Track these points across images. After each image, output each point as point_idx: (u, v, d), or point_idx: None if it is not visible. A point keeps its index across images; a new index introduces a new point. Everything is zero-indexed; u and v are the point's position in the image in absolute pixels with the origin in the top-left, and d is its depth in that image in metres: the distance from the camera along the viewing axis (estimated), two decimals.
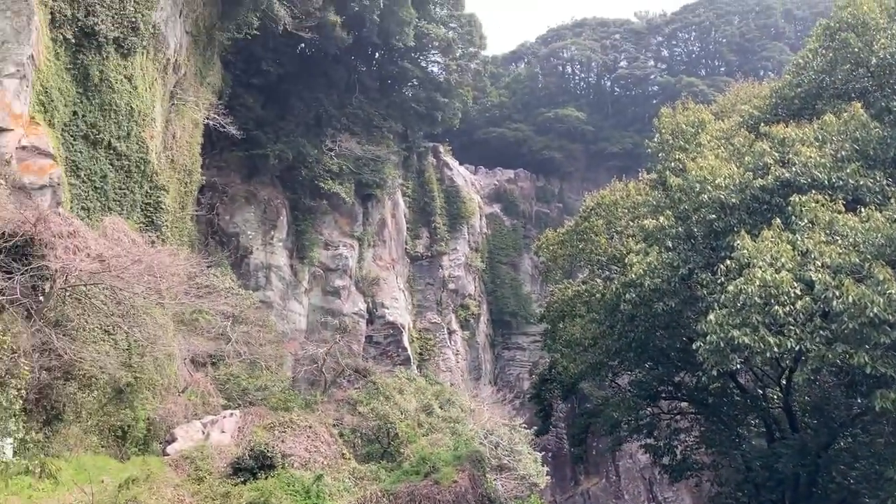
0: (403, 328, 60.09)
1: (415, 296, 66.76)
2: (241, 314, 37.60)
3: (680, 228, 29.05)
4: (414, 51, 64.10)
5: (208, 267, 36.89)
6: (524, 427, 38.88)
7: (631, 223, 36.33)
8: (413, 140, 67.77)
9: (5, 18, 27.34)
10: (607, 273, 39.27)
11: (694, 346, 25.27)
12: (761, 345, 22.89)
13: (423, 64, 67.69)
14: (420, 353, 62.91)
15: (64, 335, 20.51)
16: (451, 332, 67.59)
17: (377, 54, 64.83)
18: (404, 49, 61.93)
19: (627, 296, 29.42)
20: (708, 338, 23.90)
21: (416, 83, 66.67)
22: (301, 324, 54.02)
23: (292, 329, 52.34)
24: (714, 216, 28.00)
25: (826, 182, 26.43)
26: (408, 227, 67.54)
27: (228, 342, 35.50)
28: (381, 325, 59.31)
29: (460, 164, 78.21)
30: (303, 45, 57.14)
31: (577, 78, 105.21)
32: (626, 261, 30.82)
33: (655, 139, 36.69)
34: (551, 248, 42.32)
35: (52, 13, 28.89)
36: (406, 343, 59.72)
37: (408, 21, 58.62)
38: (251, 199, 53.30)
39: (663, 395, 38.49)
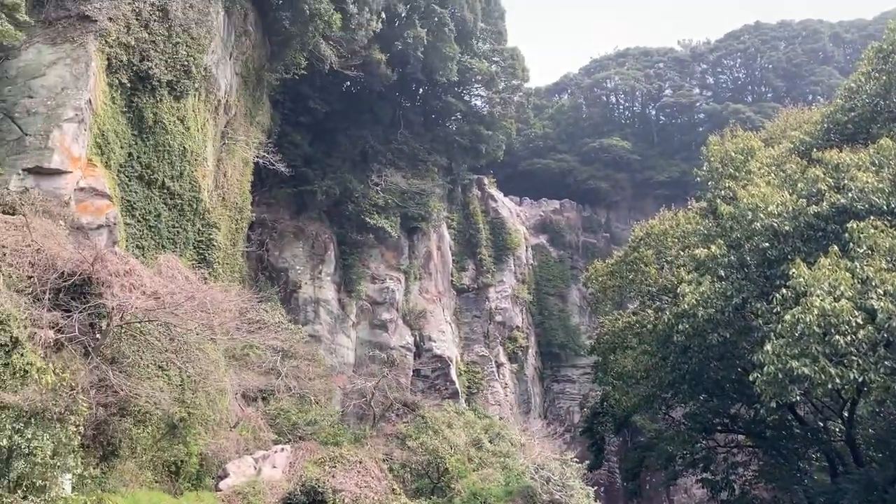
0: (451, 361, 59.83)
1: (462, 328, 66.54)
2: (291, 348, 37.87)
3: (732, 257, 28.54)
4: (457, 85, 64.73)
5: (259, 302, 37.29)
6: (576, 461, 38.15)
7: (681, 253, 35.81)
8: (458, 173, 68.10)
9: (65, 66, 28.45)
10: (658, 304, 38.68)
11: (750, 378, 24.65)
12: (822, 376, 22.24)
13: (467, 98, 68.25)
14: (468, 387, 62.49)
15: (120, 372, 20.86)
16: (499, 365, 67.06)
17: (421, 90, 65.66)
18: (448, 84, 62.60)
19: (680, 327, 28.91)
20: (765, 369, 23.30)
21: (459, 117, 67.18)
22: (349, 357, 54.21)
23: (340, 363, 52.54)
24: (767, 244, 27.46)
25: (885, 207, 25.74)
26: (454, 260, 67.60)
27: (278, 377, 35.74)
28: (428, 358, 59.14)
29: (505, 195, 78.24)
30: (348, 82, 58.26)
31: (621, 107, 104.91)
32: (678, 291, 30.34)
33: (704, 167, 36.28)
34: (600, 279, 41.91)
35: (108, 59, 29.91)
36: (454, 376, 59.40)
37: (451, 57, 59.31)
38: (299, 235, 54.02)
39: (719, 427, 37.53)
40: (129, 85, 31.06)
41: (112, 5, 30.45)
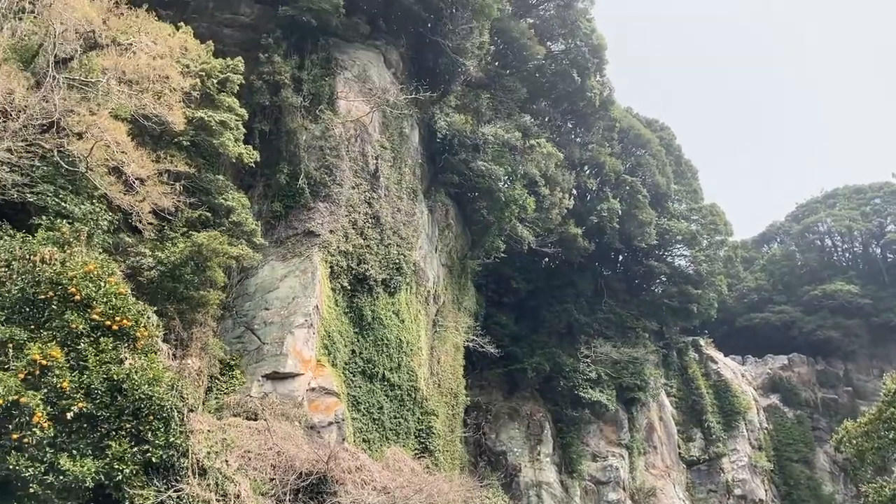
0: None
1: None
2: None
3: None
4: (658, 248, 63.87)
5: (481, 489, 36.62)
6: None
7: None
8: (670, 337, 65.53)
9: (295, 277, 31.46)
10: None
11: None
12: None
13: (669, 259, 66.89)
14: None
15: None
16: None
17: (621, 257, 65.42)
18: (648, 248, 61.95)
19: None
20: None
21: (664, 279, 65.63)
22: None
23: None
24: None
25: None
26: (678, 430, 63.38)
27: None
28: None
29: (725, 355, 73.69)
30: (547, 259, 59.42)
31: (839, 250, 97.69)
32: None
33: None
34: (854, 441, 37.06)
35: (331, 267, 32.77)
36: None
37: (648, 221, 59.12)
38: (514, 416, 53.48)
39: None
40: (349, 287, 33.60)
41: (332, 219, 33.80)
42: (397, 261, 36.26)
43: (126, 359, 17.08)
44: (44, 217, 21.79)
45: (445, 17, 41.14)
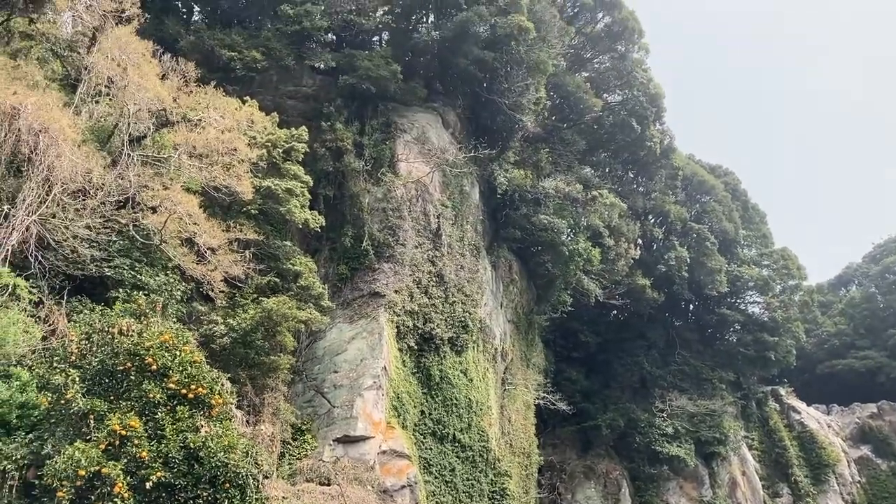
0: None
1: None
2: None
3: None
4: (729, 295, 62.10)
5: None
6: None
7: None
8: (748, 387, 63.16)
9: (362, 339, 31.58)
10: None
11: None
12: None
13: (742, 306, 64.85)
14: None
15: None
16: None
17: (691, 306, 63.84)
18: (719, 296, 60.32)
19: None
20: None
21: (738, 327, 63.58)
22: None
23: None
24: None
25: None
26: (763, 485, 60.44)
27: None
28: None
29: (808, 404, 70.45)
30: (615, 311, 58.37)
31: None
32: None
33: None
34: None
35: (397, 327, 32.82)
36: None
37: (717, 269, 57.76)
38: (589, 474, 51.97)
39: None
40: (415, 347, 33.56)
41: (397, 279, 34.01)
42: (463, 318, 36.10)
43: (202, 427, 17.23)
44: (121, 290, 22.53)
45: (501, 75, 41.67)
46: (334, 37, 41.59)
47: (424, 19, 43.53)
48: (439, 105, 41.76)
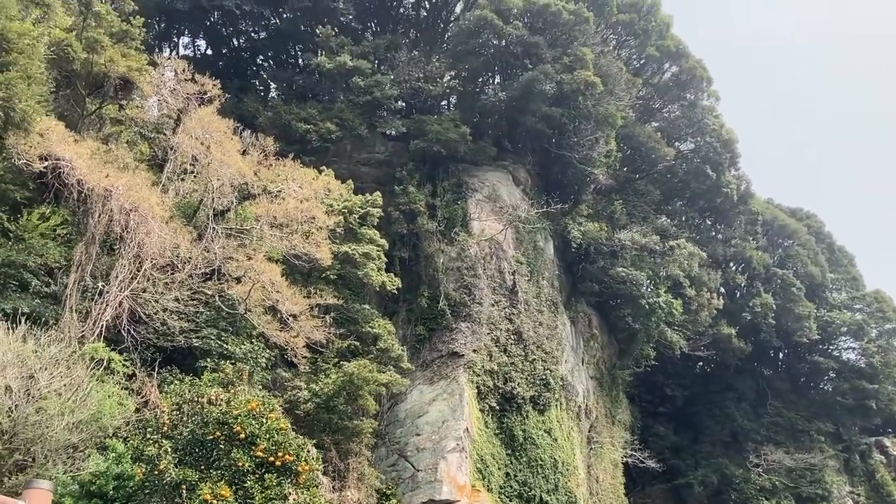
0: None
1: None
2: None
3: None
4: (821, 342, 59.42)
5: None
6: None
7: None
8: (849, 438, 59.67)
9: (443, 400, 31.43)
10: None
11: None
12: None
13: (836, 353, 61.86)
14: None
15: None
16: None
17: (781, 354, 61.37)
18: (809, 343, 57.81)
19: None
20: None
21: (833, 375, 60.57)
22: None
23: None
24: None
25: None
26: None
27: None
28: None
29: None
30: (700, 363, 56.63)
31: None
32: None
33: None
34: None
35: (477, 387, 32.57)
36: None
37: (805, 315, 55.58)
38: None
39: None
40: (497, 407, 33.17)
41: (475, 338, 33.91)
42: (544, 376, 35.57)
43: (290, 494, 17.32)
44: (208, 359, 23.16)
45: (569, 130, 41.81)
46: (404, 104, 42.70)
47: (490, 81, 44.34)
48: (509, 163, 42.10)
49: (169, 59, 32.75)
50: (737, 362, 55.42)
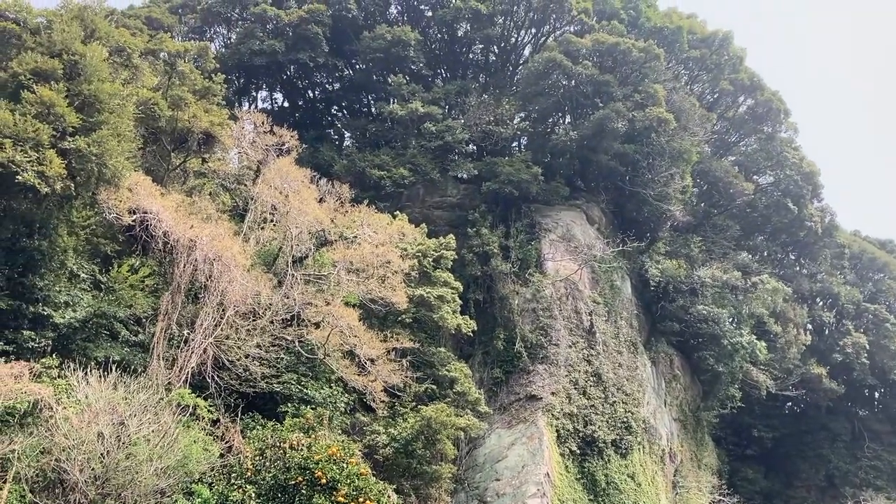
0: None
1: None
2: None
3: None
4: None
5: None
6: None
7: None
8: None
9: (522, 444, 30.93)
10: None
11: None
12: None
13: None
14: None
15: None
16: None
17: (876, 394, 58.09)
18: None
19: None
20: None
21: None
22: None
23: None
24: None
25: None
26: None
27: None
28: None
29: None
30: (789, 403, 54.21)
31: None
32: None
33: None
34: None
35: (556, 431, 31.94)
36: None
37: None
38: None
39: None
40: (577, 451, 32.40)
41: (553, 381, 33.40)
42: (625, 419, 34.65)
43: None
44: (289, 404, 23.47)
45: (643, 167, 41.31)
46: (475, 147, 43.09)
47: (561, 121, 44.35)
48: (582, 201, 41.79)
49: (248, 112, 34.09)
50: (829, 403, 52.84)
